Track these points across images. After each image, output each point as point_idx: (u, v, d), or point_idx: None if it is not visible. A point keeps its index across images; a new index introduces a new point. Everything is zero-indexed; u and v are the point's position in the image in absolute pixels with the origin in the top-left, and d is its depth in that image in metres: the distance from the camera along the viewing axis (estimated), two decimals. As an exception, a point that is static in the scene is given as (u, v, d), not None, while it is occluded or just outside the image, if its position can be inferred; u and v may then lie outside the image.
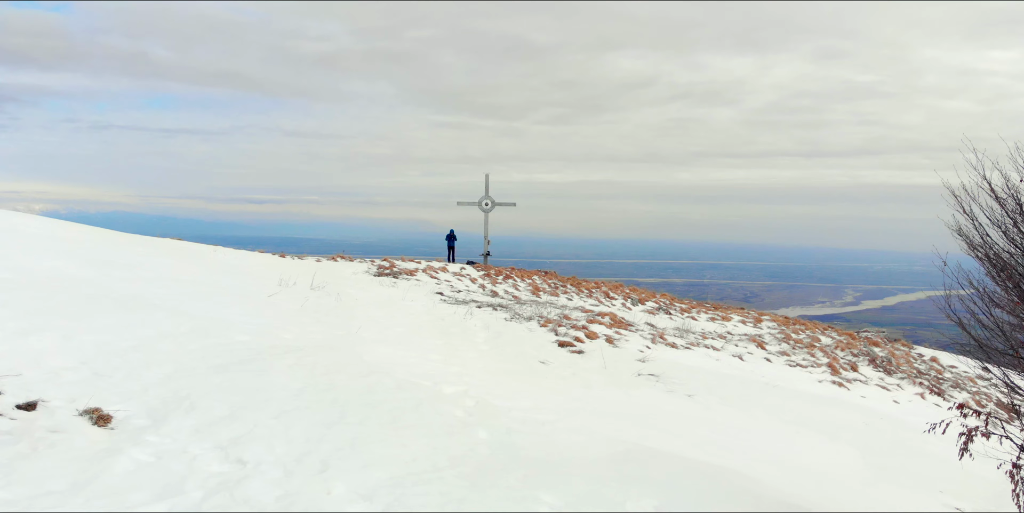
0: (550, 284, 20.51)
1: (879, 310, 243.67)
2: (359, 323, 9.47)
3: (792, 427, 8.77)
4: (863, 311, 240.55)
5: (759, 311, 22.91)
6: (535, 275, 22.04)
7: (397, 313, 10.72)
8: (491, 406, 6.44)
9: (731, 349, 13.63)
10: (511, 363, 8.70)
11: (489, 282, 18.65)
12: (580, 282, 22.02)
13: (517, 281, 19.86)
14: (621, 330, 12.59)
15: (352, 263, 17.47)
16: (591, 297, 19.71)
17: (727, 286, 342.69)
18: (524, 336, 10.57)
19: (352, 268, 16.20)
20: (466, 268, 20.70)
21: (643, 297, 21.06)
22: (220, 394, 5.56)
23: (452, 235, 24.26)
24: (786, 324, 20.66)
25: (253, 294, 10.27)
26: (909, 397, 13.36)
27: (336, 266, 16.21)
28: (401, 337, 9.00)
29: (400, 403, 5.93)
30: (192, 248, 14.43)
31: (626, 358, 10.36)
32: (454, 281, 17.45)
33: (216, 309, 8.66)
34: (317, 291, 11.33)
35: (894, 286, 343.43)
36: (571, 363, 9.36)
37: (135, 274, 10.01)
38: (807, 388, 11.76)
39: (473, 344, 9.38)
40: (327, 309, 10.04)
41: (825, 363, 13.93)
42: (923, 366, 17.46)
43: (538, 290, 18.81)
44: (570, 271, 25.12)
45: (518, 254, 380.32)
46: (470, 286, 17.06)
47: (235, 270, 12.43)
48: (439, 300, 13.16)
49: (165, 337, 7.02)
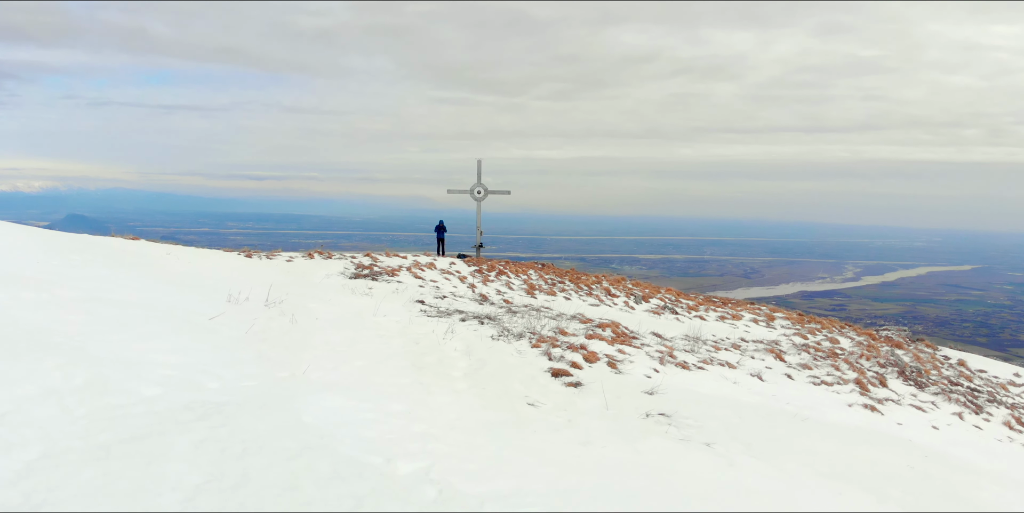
0: (547, 280, 18.96)
1: (879, 286, 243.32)
2: (312, 355, 7.93)
3: (832, 483, 7.32)
4: (863, 287, 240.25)
5: (771, 307, 21.39)
6: (531, 269, 20.49)
7: (363, 336, 9.16)
8: (459, 496, 4.91)
9: (748, 364, 12.13)
10: (493, 408, 7.17)
11: (480, 280, 17.10)
12: (579, 277, 20.46)
13: (511, 278, 18.30)
14: (625, 346, 11.06)
15: (328, 262, 15.90)
16: (591, 295, 18.16)
17: (727, 262, 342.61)
18: (511, 363, 9.03)
19: (326, 269, 14.61)
20: (456, 263, 19.13)
21: (646, 294, 19.52)
22: (83, 502, 4.02)
23: (442, 226, 22.63)
24: (800, 322, 19.17)
25: (192, 317, 8.70)
26: (947, 418, 11.91)
27: (308, 267, 14.62)
28: (360, 375, 7.45)
29: (334, 505, 4.40)
30: (141, 251, 12.82)
31: (631, 390, 8.84)
32: (441, 281, 15.89)
33: (135, 345, 7.10)
34: (272, 308, 9.77)
35: (894, 262, 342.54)
36: (566, 403, 7.83)
37: (51, 295, 8.43)
38: (838, 416, 10.28)
39: (449, 380, 7.84)
40: (277, 335, 8.49)
41: (852, 379, 12.43)
42: (952, 372, 15.99)
43: (533, 289, 17.26)
44: (571, 248, 23.56)
45: (518, 231, 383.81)
46: (458, 287, 15.51)
47: (182, 281, 10.84)
48: (418, 311, 11.61)
49: (49, 396, 5.46)
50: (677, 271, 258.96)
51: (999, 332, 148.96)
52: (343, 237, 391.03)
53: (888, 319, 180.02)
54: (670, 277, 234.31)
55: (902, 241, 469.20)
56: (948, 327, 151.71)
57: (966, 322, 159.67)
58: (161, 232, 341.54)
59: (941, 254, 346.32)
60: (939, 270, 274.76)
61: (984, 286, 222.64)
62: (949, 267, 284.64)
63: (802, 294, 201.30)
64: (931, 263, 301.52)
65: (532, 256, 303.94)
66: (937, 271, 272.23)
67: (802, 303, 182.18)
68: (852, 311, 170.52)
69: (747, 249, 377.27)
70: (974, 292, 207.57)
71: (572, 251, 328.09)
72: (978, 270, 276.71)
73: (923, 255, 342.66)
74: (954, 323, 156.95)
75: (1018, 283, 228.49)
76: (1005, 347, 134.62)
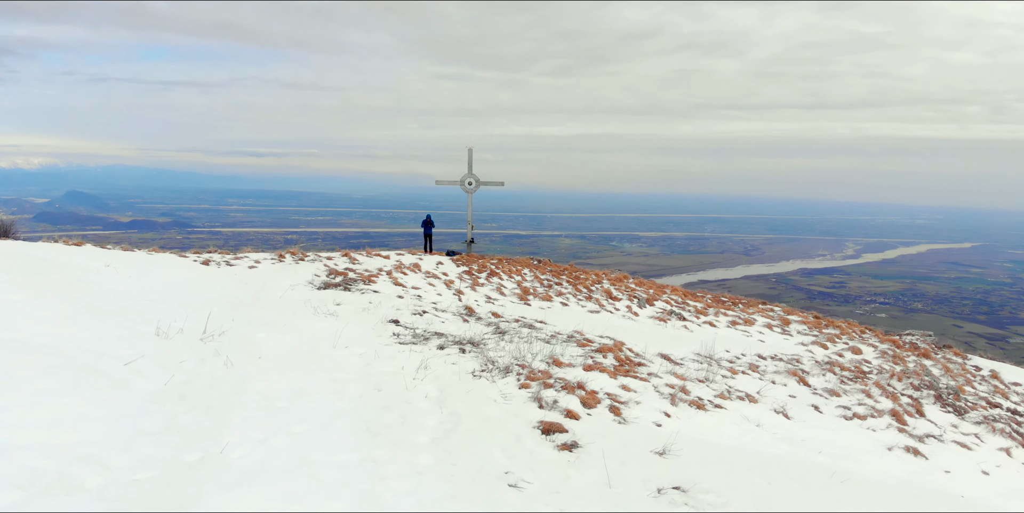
0: (543, 281, 17.34)
1: (879, 263, 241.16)
2: (241, 418, 6.35)
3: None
4: (864, 264, 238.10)
5: (785, 309, 19.80)
6: (526, 268, 18.85)
7: (314, 382, 7.57)
8: None
9: (770, 394, 10.59)
10: (464, 498, 5.60)
11: (469, 284, 15.49)
12: (577, 276, 18.83)
13: (503, 280, 16.68)
14: (630, 380, 9.49)
15: (299, 266, 14.25)
16: (590, 299, 16.57)
17: (728, 239, 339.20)
18: (493, 416, 7.45)
19: (293, 277, 12.97)
20: (444, 263, 17.48)
21: (651, 296, 17.93)
22: None
23: (429, 221, 20.93)
24: (817, 326, 17.61)
25: (102, 363, 7.10)
26: (995, 456, 10.42)
27: (273, 274, 12.98)
28: (296, 451, 5.87)
29: None
30: (76, 263, 11.17)
31: (639, 449, 7.29)
32: (424, 287, 14.27)
33: (11, 413, 5.51)
34: (208, 344, 8.16)
35: (895, 239, 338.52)
36: (559, 480, 6.27)
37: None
38: (879, 466, 8.78)
39: (412, 450, 6.26)
40: (202, 388, 6.89)
41: (887, 410, 10.91)
42: (986, 387, 14.49)
43: (527, 294, 15.66)
44: (572, 226, 21.84)
45: (519, 209, 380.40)
46: (443, 295, 13.90)
47: (111, 305, 9.21)
48: (390, 335, 10.01)
49: None
50: (678, 248, 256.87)
51: (999, 309, 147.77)
52: (343, 214, 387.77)
53: (888, 296, 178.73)
54: (670, 254, 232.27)
55: (903, 218, 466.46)
56: (948, 304, 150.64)
57: (966, 299, 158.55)
58: (161, 209, 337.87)
59: (942, 231, 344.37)
60: (939, 247, 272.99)
61: (984, 264, 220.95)
62: (950, 245, 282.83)
63: (802, 271, 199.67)
64: (932, 240, 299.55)
65: (532, 234, 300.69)
66: (937, 248, 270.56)
67: (802, 280, 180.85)
68: (852, 288, 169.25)
69: (748, 226, 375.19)
70: (974, 270, 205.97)
71: (573, 228, 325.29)
72: (978, 247, 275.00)
73: (924, 232, 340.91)
74: (954, 300, 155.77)
75: (1018, 261, 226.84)
76: (1004, 324, 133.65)
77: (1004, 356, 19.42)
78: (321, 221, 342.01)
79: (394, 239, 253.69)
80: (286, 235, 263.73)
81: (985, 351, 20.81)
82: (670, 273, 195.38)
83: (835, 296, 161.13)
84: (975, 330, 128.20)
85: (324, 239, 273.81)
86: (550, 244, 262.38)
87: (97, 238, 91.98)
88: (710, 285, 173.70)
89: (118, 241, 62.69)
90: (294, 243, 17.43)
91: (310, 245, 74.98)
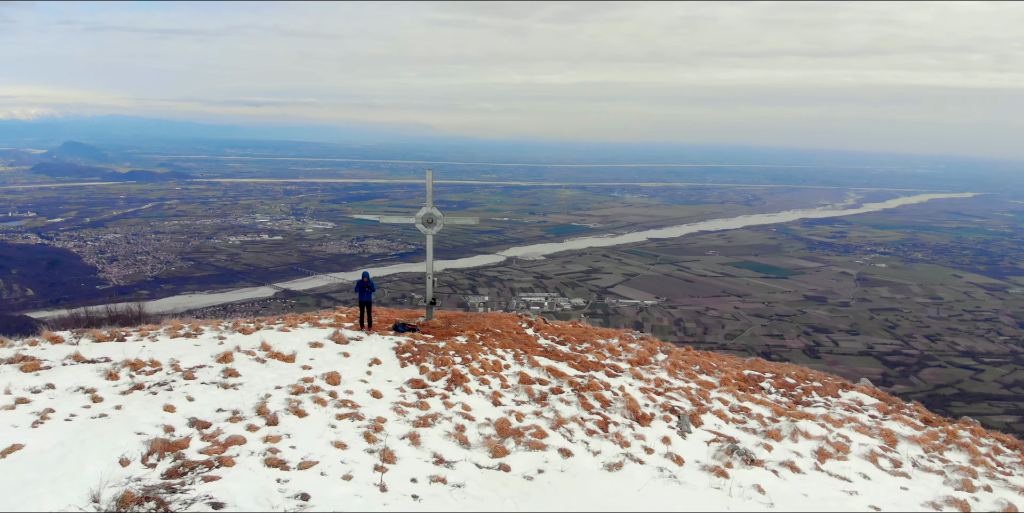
0: (533, 391, 11.44)
1: (880, 213, 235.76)
2: None
3: None
4: (865, 214, 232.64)
5: (880, 406, 13.83)
6: (509, 351, 12.76)
7: None
8: None
9: None
10: None
11: (412, 420, 9.48)
12: (585, 361, 12.72)
13: (470, 396, 10.67)
14: None
15: (106, 427, 8.05)
16: (605, 428, 10.61)
17: (729, 189, 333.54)
18: None
19: (65, 474, 6.86)
20: (382, 360, 11.34)
21: (695, 400, 12.03)
22: None
23: (366, 282, 14.55)
24: (934, 444, 11.76)
25: None
26: None
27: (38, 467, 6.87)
28: None
29: None
30: None
31: None
32: (326, 453, 8.19)
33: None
34: None
35: (896, 189, 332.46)
36: None
37: None
38: None
39: None
40: None
41: None
42: None
43: (505, 430, 9.69)
44: (572, 176, 15.76)
45: (519, 159, 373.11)
46: (356, 470, 7.81)
47: None
48: None
49: None
50: (679, 199, 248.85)
51: (999, 260, 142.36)
52: (342, 164, 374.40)
53: (888, 246, 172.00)
54: (671, 205, 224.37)
55: (905, 168, 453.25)
56: (948, 254, 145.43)
57: (966, 249, 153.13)
58: (160, 159, 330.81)
59: (944, 181, 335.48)
60: (941, 197, 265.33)
61: (985, 213, 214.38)
62: (951, 194, 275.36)
63: (803, 221, 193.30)
64: (933, 190, 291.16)
65: (532, 185, 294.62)
66: (939, 198, 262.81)
67: (803, 230, 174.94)
68: (852, 238, 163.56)
69: (749, 176, 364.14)
70: (975, 219, 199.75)
71: (574, 179, 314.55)
72: (980, 197, 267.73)
73: (925, 182, 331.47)
74: (954, 250, 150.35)
75: (1019, 211, 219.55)
76: (1004, 275, 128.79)
77: (1004, 306, 14.27)
78: (320, 171, 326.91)
79: (393, 190, 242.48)
80: (285, 186, 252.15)
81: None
82: (671, 224, 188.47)
83: (835, 246, 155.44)
84: (975, 280, 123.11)
85: (323, 189, 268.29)
86: (550, 195, 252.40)
87: (97, 189, 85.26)
88: (710, 236, 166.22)
89: (116, 192, 51.86)
90: (295, 194, 11.15)
91: (310, 196, 67.38)
